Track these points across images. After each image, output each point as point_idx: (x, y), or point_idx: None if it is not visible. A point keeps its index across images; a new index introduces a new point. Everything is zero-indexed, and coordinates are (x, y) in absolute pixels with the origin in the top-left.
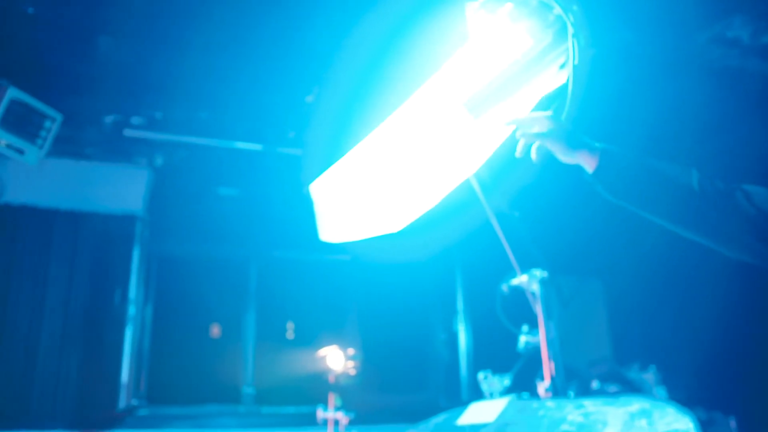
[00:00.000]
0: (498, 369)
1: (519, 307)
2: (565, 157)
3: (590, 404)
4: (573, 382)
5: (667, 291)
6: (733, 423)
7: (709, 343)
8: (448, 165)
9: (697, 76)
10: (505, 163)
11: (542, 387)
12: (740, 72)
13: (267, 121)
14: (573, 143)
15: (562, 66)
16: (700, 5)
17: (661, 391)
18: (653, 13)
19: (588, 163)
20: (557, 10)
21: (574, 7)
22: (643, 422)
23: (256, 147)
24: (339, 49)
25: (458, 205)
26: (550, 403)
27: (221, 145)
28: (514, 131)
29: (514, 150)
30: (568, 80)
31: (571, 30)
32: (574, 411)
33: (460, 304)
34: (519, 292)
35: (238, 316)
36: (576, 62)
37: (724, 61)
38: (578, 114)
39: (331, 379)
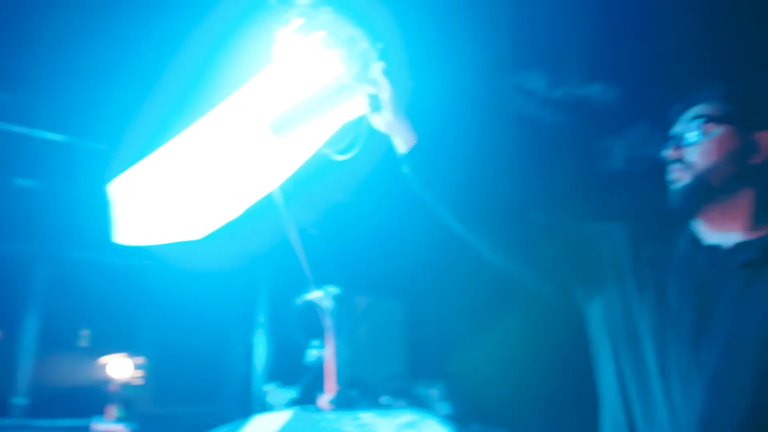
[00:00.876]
0: (293, 382)
1: (315, 323)
2: (388, 125)
3: (366, 416)
4: (364, 397)
5: (461, 310)
6: None
7: (490, 362)
8: (251, 178)
9: (501, 120)
10: (309, 181)
11: (325, 399)
12: (536, 120)
13: (74, 112)
14: (403, 110)
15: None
16: (506, 54)
17: (444, 407)
18: (466, 56)
19: (406, 139)
20: (364, 44)
21: (380, 44)
22: None
23: (60, 138)
24: (154, 49)
25: (264, 218)
26: (330, 416)
27: (21, 131)
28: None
29: (318, 169)
30: (366, 113)
31: (374, 61)
32: (350, 422)
33: (261, 317)
34: (314, 307)
35: (20, 320)
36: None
37: (523, 109)
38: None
39: (113, 388)
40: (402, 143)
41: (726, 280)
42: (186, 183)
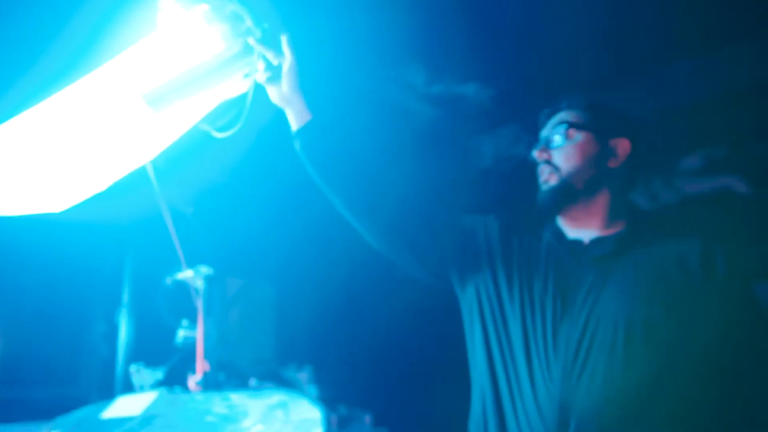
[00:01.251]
0: (159, 363)
1: (184, 303)
2: (283, 98)
3: (236, 397)
4: (232, 380)
5: (332, 296)
6: (368, 418)
7: (357, 347)
8: (121, 151)
9: (379, 109)
10: (184, 159)
11: (193, 381)
12: (413, 113)
13: None
14: (299, 85)
15: (246, 75)
16: (387, 46)
17: (312, 390)
18: (350, 43)
19: (300, 116)
20: (248, 22)
21: (265, 24)
22: (280, 413)
23: None
24: (22, 4)
25: (133, 194)
26: (199, 397)
27: None
28: (199, 122)
29: (195, 146)
30: (248, 90)
31: (256, 44)
32: (220, 403)
33: (126, 296)
34: (184, 287)
35: None
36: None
37: (400, 101)
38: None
39: None
40: (295, 119)
41: (584, 271)
42: (51, 152)
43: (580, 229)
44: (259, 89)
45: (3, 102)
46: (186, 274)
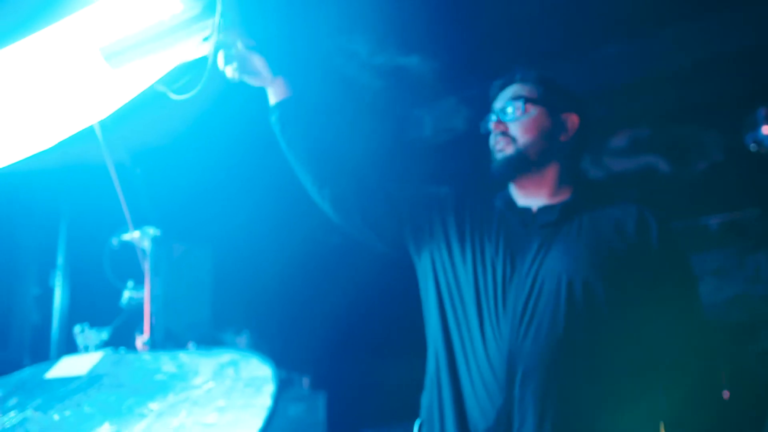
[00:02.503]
0: (103, 324)
1: (127, 263)
2: (258, 78)
3: (185, 356)
4: (169, 343)
5: (271, 260)
6: (306, 381)
7: (296, 311)
8: (72, 108)
9: (322, 79)
10: (134, 117)
11: (140, 341)
12: (356, 82)
13: None
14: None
15: (205, 39)
16: (332, 15)
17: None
18: (299, 12)
19: (279, 92)
20: None
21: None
22: (231, 370)
23: None
24: None
25: (73, 152)
26: (146, 356)
27: None
28: (154, 84)
29: (143, 103)
30: (207, 54)
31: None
32: (168, 362)
33: (60, 258)
34: (129, 247)
35: None
36: (217, 38)
37: (343, 70)
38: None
39: None
40: (274, 95)
41: (532, 237)
42: (3, 103)
43: (530, 197)
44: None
45: None
46: (133, 235)
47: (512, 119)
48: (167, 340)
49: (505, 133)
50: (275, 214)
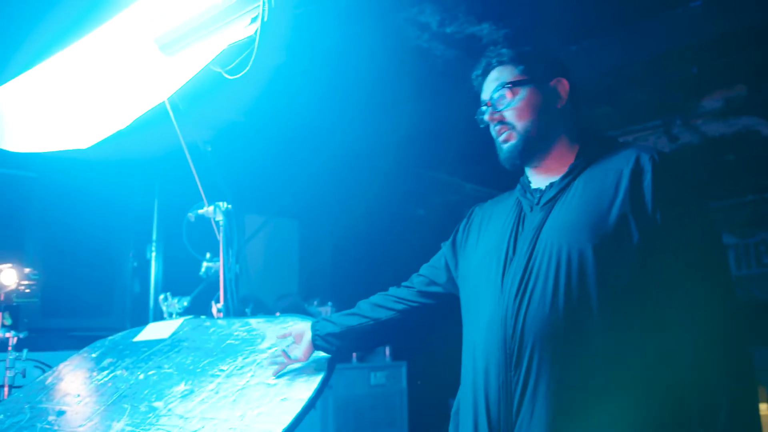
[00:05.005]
0: (185, 293)
1: (205, 236)
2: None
3: (254, 322)
4: (259, 314)
5: (356, 237)
6: (387, 350)
7: (380, 286)
8: (138, 91)
9: (393, 50)
10: (201, 99)
11: (216, 308)
12: (427, 53)
13: None
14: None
15: (254, 19)
16: None
17: None
18: None
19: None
20: None
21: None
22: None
23: None
24: None
25: (158, 131)
26: (221, 322)
27: None
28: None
29: (210, 87)
30: (256, 33)
31: None
32: (240, 328)
33: (155, 233)
34: (206, 221)
35: None
36: (265, 19)
37: (415, 42)
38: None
39: (2, 297)
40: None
41: (535, 216)
42: (75, 91)
43: (544, 176)
44: (268, 32)
45: (31, 48)
46: (207, 210)
47: (505, 107)
48: (256, 312)
49: (502, 122)
50: (359, 186)
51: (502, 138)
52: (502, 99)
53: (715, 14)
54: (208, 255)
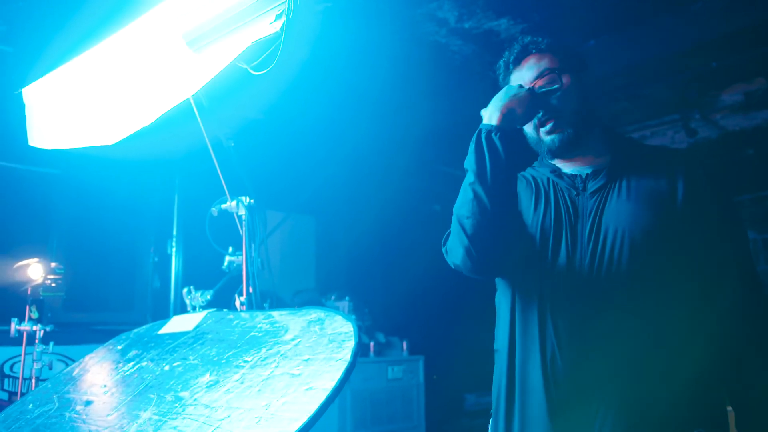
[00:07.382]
0: (207, 287)
1: (227, 231)
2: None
3: (277, 314)
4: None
5: (372, 234)
6: (405, 344)
7: (396, 282)
8: (165, 87)
9: (412, 46)
10: (226, 96)
11: (239, 301)
12: (445, 48)
13: None
14: None
15: (278, 16)
16: None
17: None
18: None
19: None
20: None
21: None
22: (317, 327)
23: None
24: None
25: (179, 131)
26: (244, 315)
27: None
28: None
29: (234, 83)
30: (282, 29)
31: None
32: (263, 321)
33: (175, 228)
34: (228, 216)
35: None
36: (290, 15)
37: (433, 37)
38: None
39: (29, 291)
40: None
41: (585, 205)
42: (101, 89)
43: (577, 165)
44: (291, 29)
45: (59, 47)
46: (230, 204)
47: (553, 95)
48: (276, 305)
49: (549, 112)
50: (375, 182)
51: (548, 128)
52: (550, 85)
53: (735, 9)
54: (230, 249)
